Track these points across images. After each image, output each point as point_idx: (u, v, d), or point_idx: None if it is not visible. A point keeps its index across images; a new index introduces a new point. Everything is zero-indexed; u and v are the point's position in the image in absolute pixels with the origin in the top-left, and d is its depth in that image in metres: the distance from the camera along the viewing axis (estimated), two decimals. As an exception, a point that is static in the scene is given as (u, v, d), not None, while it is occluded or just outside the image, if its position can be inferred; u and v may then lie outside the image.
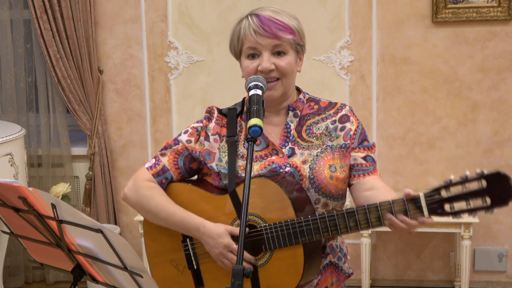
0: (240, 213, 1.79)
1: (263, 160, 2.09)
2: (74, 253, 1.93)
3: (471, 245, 4.01)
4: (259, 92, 1.94)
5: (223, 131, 2.15)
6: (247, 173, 1.78)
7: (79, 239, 1.86)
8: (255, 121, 1.84)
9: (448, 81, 4.20)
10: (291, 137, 2.12)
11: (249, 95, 1.95)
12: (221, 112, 2.18)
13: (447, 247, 4.36)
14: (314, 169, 2.06)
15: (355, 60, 4.23)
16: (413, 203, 1.86)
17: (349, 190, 2.14)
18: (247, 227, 1.97)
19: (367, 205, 1.91)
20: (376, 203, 1.90)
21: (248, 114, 1.88)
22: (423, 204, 1.85)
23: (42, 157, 4.52)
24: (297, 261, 1.96)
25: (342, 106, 2.17)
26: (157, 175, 2.15)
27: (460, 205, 1.83)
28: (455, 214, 1.83)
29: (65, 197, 4.20)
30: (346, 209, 1.94)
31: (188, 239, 2.12)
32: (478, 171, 1.80)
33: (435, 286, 4.40)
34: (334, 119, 2.14)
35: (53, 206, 1.76)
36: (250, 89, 1.96)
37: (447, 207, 1.83)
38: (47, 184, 4.49)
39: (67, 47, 4.31)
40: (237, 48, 2.12)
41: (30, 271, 4.63)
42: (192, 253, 2.12)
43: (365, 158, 2.12)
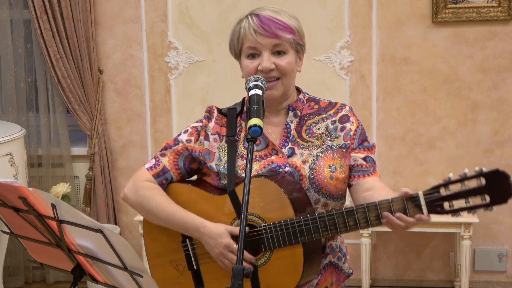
0: (239, 213, 1.79)
1: (262, 160, 2.09)
2: (74, 253, 1.92)
3: (471, 245, 4.01)
4: (259, 92, 1.94)
5: (223, 131, 2.15)
6: (247, 173, 1.78)
7: (79, 239, 1.86)
8: (255, 121, 1.84)
9: (448, 81, 4.20)
10: (291, 137, 2.12)
11: (249, 95, 1.95)
12: (220, 111, 2.18)
13: (447, 247, 4.36)
14: (314, 169, 2.06)
15: (355, 60, 4.23)
16: (412, 202, 1.86)
17: (348, 190, 2.14)
18: (247, 227, 1.97)
19: (366, 204, 1.91)
20: (375, 202, 1.90)
21: (248, 114, 1.88)
22: (422, 202, 1.85)
23: (42, 157, 4.52)
24: (297, 261, 1.96)
25: (342, 106, 2.17)
26: (157, 176, 2.15)
27: (459, 203, 1.83)
28: (454, 212, 1.83)
29: (65, 197, 4.19)
30: (345, 208, 1.94)
31: (187, 240, 2.13)
32: (477, 169, 1.80)
33: (435, 286, 4.40)
34: (334, 119, 2.14)
35: (53, 206, 1.76)
36: (250, 89, 1.96)
37: (446, 205, 1.83)
38: (47, 184, 4.49)
39: (67, 47, 4.30)
40: (237, 48, 2.12)
41: (30, 271, 4.62)
42: (192, 254, 2.12)
43: (365, 159, 2.12)
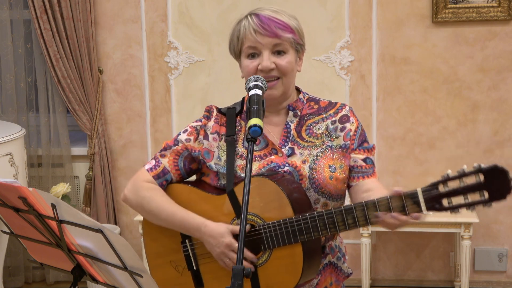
0: (238, 213, 1.79)
1: (262, 159, 2.09)
2: (74, 253, 1.92)
3: (471, 245, 4.01)
4: (259, 92, 1.94)
5: (222, 130, 2.15)
6: (247, 173, 1.78)
7: (79, 239, 1.86)
8: (255, 121, 1.84)
9: (448, 81, 4.19)
10: (291, 137, 2.12)
11: (249, 95, 1.95)
12: (220, 111, 2.18)
13: (447, 247, 4.36)
14: (314, 169, 2.06)
15: (355, 60, 4.23)
16: (411, 199, 1.85)
17: (347, 191, 2.14)
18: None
19: (365, 201, 1.91)
20: (374, 200, 1.89)
21: (248, 114, 1.88)
22: (421, 199, 1.84)
23: (42, 157, 4.52)
24: (296, 260, 1.96)
25: (342, 106, 2.17)
26: (157, 177, 2.15)
27: (458, 200, 1.82)
28: (453, 208, 1.82)
29: (65, 197, 4.19)
30: (344, 206, 1.93)
31: (187, 240, 2.12)
32: (475, 165, 1.79)
33: (435, 286, 4.40)
34: (334, 119, 2.14)
35: (53, 206, 1.76)
36: (250, 89, 1.96)
37: (445, 202, 1.82)
38: (47, 184, 4.49)
39: (67, 47, 4.30)
40: (237, 48, 2.12)
41: (30, 271, 4.62)
42: (191, 254, 2.12)
43: (365, 160, 2.12)
